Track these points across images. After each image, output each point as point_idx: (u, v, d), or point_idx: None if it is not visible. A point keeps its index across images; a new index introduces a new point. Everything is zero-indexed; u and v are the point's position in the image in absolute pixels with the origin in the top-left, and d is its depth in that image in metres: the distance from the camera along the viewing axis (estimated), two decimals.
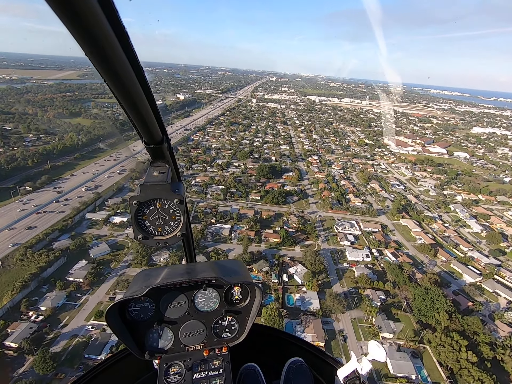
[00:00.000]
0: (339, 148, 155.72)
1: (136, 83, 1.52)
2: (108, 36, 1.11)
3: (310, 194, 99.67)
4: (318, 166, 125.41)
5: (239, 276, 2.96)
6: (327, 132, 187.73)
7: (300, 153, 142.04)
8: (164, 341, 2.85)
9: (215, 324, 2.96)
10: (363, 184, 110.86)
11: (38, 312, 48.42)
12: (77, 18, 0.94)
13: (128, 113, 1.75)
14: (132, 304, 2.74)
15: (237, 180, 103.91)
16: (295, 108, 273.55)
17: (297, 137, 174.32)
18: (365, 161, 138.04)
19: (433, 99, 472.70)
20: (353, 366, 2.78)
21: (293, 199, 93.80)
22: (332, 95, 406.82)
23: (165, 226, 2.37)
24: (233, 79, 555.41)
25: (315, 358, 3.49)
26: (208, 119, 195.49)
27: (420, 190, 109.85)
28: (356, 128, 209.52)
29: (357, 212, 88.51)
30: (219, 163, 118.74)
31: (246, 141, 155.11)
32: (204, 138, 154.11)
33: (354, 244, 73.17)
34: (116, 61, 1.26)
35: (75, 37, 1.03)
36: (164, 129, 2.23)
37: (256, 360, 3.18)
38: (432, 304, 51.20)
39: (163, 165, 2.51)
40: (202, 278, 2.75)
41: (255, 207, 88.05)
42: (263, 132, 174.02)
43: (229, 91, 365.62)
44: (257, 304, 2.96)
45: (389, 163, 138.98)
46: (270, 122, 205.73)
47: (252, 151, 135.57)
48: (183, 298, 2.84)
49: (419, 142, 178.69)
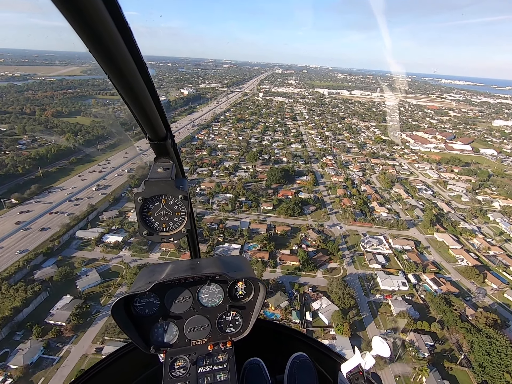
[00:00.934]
0: (355, 146, 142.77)
1: (139, 79, 1.50)
2: (111, 32, 1.10)
3: (328, 202, 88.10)
4: (334, 168, 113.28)
5: (243, 272, 2.94)
6: (340, 128, 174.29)
7: (313, 153, 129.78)
8: (169, 335, 2.85)
9: (219, 319, 2.95)
10: (386, 189, 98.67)
11: (6, 371, 38.70)
12: (79, 13, 0.93)
13: (131, 109, 1.75)
14: (137, 299, 2.73)
15: (246, 186, 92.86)
16: (303, 102, 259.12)
17: (308, 134, 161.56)
18: (385, 161, 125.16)
19: (446, 90, 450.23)
20: (356, 361, 2.79)
21: (309, 209, 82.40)
22: (340, 87, 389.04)
23: (169, 222, 2.36)
24: (238, 72, 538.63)
25: (319, 353, 3.47)
26: (213, 116, 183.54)
27: (451, 196, 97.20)
28: (370, 123, 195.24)
29: (384, 224, 76.84)
30: (226, 166, 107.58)
31: (254, 139, 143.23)
32: (209, 137, 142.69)
33: (386, 267, 61.85)
34: (119, 57, 1.24)
35: (78, 33, 1.03)
36: (168, 125, 2.23)
37: (260, 355, 3.15)
38: (500, 360, 40.02)
39: (167, 161, 2.47)
40: (206, 273, 2.74)
41: (267, 220, 77.10)
42: (272, 129, 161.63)
43: (234, 85, 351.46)
44: (260, 299, 2.95)
45: (411, 163, 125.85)
46: (278, 117, 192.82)
47: (261, 151, 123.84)
48: (188, 294, 2.84)
49: (440, 138, 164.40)
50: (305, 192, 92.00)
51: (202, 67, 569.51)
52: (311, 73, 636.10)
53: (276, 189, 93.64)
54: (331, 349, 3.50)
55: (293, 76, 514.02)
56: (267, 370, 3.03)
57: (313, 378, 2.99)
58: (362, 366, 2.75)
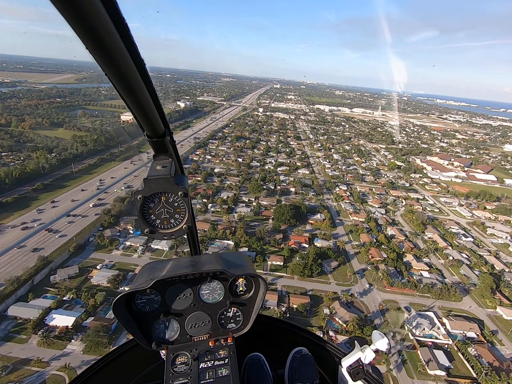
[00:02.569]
0: (368, 173, 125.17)
1: (137, 75, 1.47)
2: (108, 28, 1.07)
3: (352, 254, 68.98)
4: (350, 202, 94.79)
5: (243, 268, 2.90)
6: (348, 151, 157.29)
7: (324, 181, 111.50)
8: (171, 332, 2.83)
9: (220, 315, 2.94)
10: (417, 233, 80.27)
11: None
12: (76, 8, 0.91)
13: (130, 106, 1.71)
14: (138, 296, 2.71)
15: (249, 228, 73.55)
16: (305, 119, 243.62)
17: (315, 156, 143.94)
18: (406, 193, 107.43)
19: (444, 110, 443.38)
20: (356, 355, 2.80)
21: (330, 265, 63.03)
22: (340, 104, 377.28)
23: (170, 219, 2.34)
24: (236, 85, 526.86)
25: (319, 347, 3.45)
26: (210, 132, 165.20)
27: (496, 244, 79.15)
28: (379, 145, 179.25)
29: (429, 292, 57.84)
30: (224, 197, 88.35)
31: (256, 162, 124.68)
32: (205, 159, 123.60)
33: (452, 377, 42.40)
34: (117, 53, 1.21)
35: (74, 29, 0.99)
36: (166, 122, 2.19)
37: (261, 350, 3.13)
38: None
39: (166, 159, 2.45)
40: (207, 270, 2.73)
41: (277, 283, 57.53)
42: (275, 150, 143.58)
43: (233, 99, 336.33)
44: (261, 295, 2.92)
45: (435, 196, 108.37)
46: (281, 136, 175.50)
47: (265, 178, 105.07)
48: (188, 290, 2.82)
49: (457, 165, 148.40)
50: (321, 238, 72.80)
51: (201, 79, 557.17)
52: (309, 88, 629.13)
53: (286, 232, 74.44)
54: (332, 343, 3.42)
55: (292, 92, 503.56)
56: (268, 365, 2.99)
57: (314, 373, 2.96)
58: (362, 360, 2.76)
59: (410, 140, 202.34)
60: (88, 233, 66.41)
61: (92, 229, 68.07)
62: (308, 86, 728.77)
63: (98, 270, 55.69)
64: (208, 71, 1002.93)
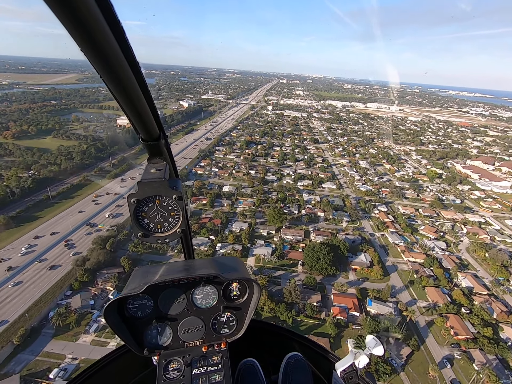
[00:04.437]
0: (407, 185, 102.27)
1: (131, 78, 1.43)
2: (103, 30, 1.04)
3: (423, 325, 47.31)
4: (398, 232, 72.68)
5: (237, 273, 2.84)
6: (374, 155, 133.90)
7: (357, 199, 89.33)
8: (163, 337, 2.74)
9: (214, 320, 2.85)
10: (499, 281, 58.08)
11: None
12: (70, 10, 0.88)
13: (124, 109, 1.67)
14: (130, 301, 2.62)
15: (273, 285, 52.51)
16: (319, 117, 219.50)
17: (339, 164, 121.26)
18: (461, 213, 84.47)
19: (461, 102, 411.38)
20: (350, 359, 2.74)
21: (401, 354, 41.62)
22: (352, 99, 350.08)
23: (164, 223, 2.28)
24: (242, 81, 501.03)
25: (313, 352, 3.38)
26: (216, 137, 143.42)
27: None
28: (407, 147, 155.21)
29: None
30: (236, 231, 67.30)
31: (271, 175, 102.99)
32: (211, 172, 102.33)
33: None
34: (111, 55, 1.18)
35: (68, 31, 0.96)
36: (161, 125, 2.14)
37: (255, 356, 3.05)
38: None
39: (161, 162, 2.38)
40: (201, 274, 2.65)
41: None
42: (291, 158, 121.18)
43: (239, 96, 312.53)
44: (255, 300, 2.85)
45: (499, 217, 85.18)
46: (296, 139, 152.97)
47: (285, 199, 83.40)
48: (182, 295, 2.73)
49: (505, 171, 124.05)
50: (375, 297, 51.30)
51: (205, 76, 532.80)
52: (316, 83, 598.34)
53: (323, 287, 53.18)
54: (325, 348, 3.35)
55: (299, 87, 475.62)
56: (262, 370, 2.92)
57: (308, 378, 2.90)
58: (356, 365, 2.69)
59: (439, 139, 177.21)
60: (48, 304, 46.00)
61: (55, 296, 47.62)
62: (314, 80, 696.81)
63: (51, 383, 35.29)
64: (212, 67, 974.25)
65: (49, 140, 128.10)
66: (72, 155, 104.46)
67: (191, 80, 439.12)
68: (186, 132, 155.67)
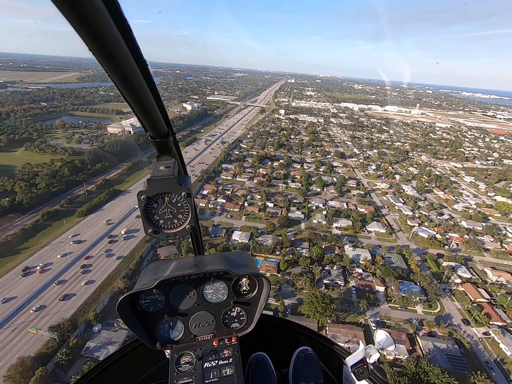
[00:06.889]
0: (478, 226, 74.19)
1: (139, 76, 1.42)
2: (110, 29, 1.03)
3: None
4: (507, 327, 45.16)
5: (247, 268, 2.82)
6: (417, 176, 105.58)
7: (419, 252, 61.69)
8: (175, 331, 2.76)
9: (224, 315, 2.86)
10: None
11: None
12: (78, 11, 0.87)
13: (133, 107, 1.66)
14: (142, 296, 2.64)
15: None
16: (337, 122, 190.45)
17: (379, 191, 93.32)
18: None
19: (481, 105, 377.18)
20: (361, 354, 2.74)
21: None
22: (367, 101, 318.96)
23: (174, 220, 2.28)
24: (249, 81, 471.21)
25: (323, 347, 3.35)
26: (223, 151, 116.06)
27: None
28: (451, 163, 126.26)
29: None
30: None
31: (295, 210, 75.67)
32: (216, 206, 75.25)
33: None
34: (119, 54, 1.17)
35: (76, 31, 0.96)
36: (169, 123, 2.13)
37: (265, 350, 3.04)
38: None
39: (169, 159, 2.37)
40: (210, 270, 2.66)
41: None
42: (318, 182, 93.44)
43: (248, 97, 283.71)
44: (265, 295, 2.85)
45: None
46: (317, 151, 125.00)
47: (322, 257, 56.15)
48: (192, 290, 2.75)
49: None
50: None
51: (212, 75, 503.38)
52: (325, 83, 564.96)
53: None
54: (336, 343, 3.31)
55: (308, 87, 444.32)
56: (272, 364, 2.90)
57: (318, 372, 2.89)
58: (366, 359, 2.70)
59: (483, 152, 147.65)
60: None
61: None
62: (322, 80, 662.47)
63: None
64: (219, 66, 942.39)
65: (20, 154, 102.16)
66: (36, 179, 78.17)
67: (197, 79, 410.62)
68: (187, 142, 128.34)
